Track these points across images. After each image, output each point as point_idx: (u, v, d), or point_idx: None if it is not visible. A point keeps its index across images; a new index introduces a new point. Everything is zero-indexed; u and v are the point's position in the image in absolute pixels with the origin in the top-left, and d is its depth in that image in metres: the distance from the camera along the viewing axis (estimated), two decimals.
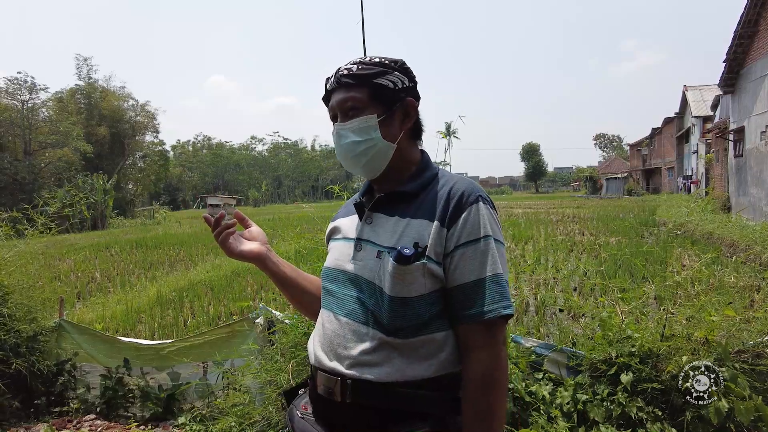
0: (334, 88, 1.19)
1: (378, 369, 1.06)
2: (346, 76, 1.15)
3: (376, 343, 1.08)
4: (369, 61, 1.17)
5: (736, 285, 4.77)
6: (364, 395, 1.07)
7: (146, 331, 5.57)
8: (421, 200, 1.14)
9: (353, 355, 1.09)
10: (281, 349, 2.79)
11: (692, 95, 31.42)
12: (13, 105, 28.60)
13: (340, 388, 1.08)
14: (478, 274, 1.06)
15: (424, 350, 1.08)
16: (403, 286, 1.06)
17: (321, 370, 1.14)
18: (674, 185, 36.18)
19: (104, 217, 27.85)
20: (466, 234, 1.07)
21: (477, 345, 1.05)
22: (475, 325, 1.05)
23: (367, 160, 1.17)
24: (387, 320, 1.07)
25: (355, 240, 1.19)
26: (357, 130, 1.15)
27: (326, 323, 1.18)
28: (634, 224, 14.08)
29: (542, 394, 2.35)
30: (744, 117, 13.65)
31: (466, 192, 1.10)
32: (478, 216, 1.08)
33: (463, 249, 1.07)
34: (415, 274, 1.06)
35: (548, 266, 8.22)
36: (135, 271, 10.16)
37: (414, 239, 1.08)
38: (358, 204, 1.24)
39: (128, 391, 3.45)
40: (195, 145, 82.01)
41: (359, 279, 1.14)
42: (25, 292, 3.63)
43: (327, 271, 1.25)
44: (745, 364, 2.21)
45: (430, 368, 1.07)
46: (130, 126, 37.35)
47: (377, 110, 1.15)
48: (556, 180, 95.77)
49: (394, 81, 1.16)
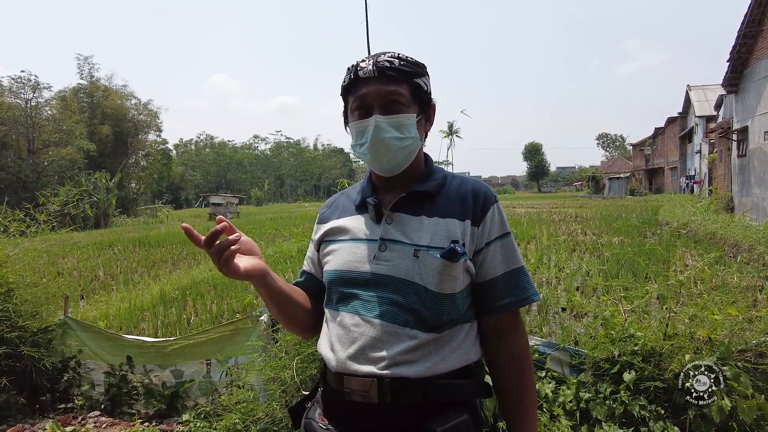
0: (369, 78, 1.13)
1: (415, 366, 1.07)
2: (389, 68, 1.12)
3: (416, 343, 1.08)
4: (407, 59, 1.16)
5: (739, 285, 4.76)
6: (403, 393, 1.06)
7: (149, 329, 5.59)
8: (442, 200, 1.17)
9: (390, 356, 1.07)
10: (285, 346, 2.81)
11: (695, 95, 31.33)
12: (17, 104, 28.73)
13: (377, 389, 1.06)
14: (506, 267, 1.16)
15: (453, 342, 1.12)
16: (449, 282, 1.10)
17: (349, 375, 1.09)
18: (677, 185, 36.07)
19: (107, 215, 27.93)
20: (495, 231, 1.16)
21: (509, 331, 1.17)
22: (509, 313, 1.16)
23: (402, 156, 1.17)
24: (433, 317, 1.09)
25: (378, 241, 1.15)
26: (399, 126, 1.14)
27: (351, 326, 1.12)
28: (636, 224, 14.05)
29: (545, 392, 2.36)
30: (747, 117, 13.61)
31: (487, 193, 1.19)
32: (500, 214, 1.19)
33: (494, 245, 1.16)
34: (459, 271, 1.11)
35: (551, 266, 8.22)
36: (138, 269, 10.19)
37: (448, 237, 1.11)
38: (376, 204, 1.18)
39: (132, 388, 3.47)
40: (197, 144, 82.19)
41: (391, 279, 1.11)
42: (30, 288, 3.66)
43: (339, 274, 1.18)
44: (747, 363, 2.22)
45: (460, 359, 1.12)
46: (132, 125, 37.46)
47: (415, 109, 1.17)
48: (559, 180, 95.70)
49: (427, 83, 1.19)
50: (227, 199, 32.93)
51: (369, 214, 1.20)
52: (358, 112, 1.16)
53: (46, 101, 30.44)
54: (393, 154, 1.15)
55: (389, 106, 1.13)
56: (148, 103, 39.48)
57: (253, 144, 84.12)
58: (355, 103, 1.16)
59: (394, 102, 1.13)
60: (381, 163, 1.17)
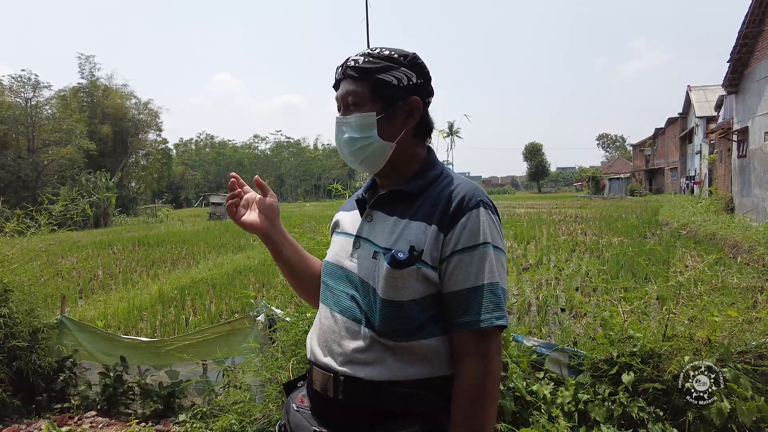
0: (341, 78, 1.17)
1: (370, 368, 1.06)
2: (351, 68, 1.13)
3: (368, 342, 1.07)
4: (377, 54, 1.13)
5: (739, 286, 4.75)
6: (356, 393, 1.06)
7: (148, 328, 5.58)
8: (423, 201, 1.11)
9: (346, 352, 1.08)
10: (282, 346, 2.79)
11: (696, 96, 31.32)
12: (17, 103, 28.72)
13: (332, 384, 1.08)
14: (473, 281, 1.03)
15: (418, 353, 1.06)
16: (395, 289, 1.04)
17: (316, 366, 1.14)
18: (677, 186, 36.07)
19: (107, 215, 27.91)
20: (464, 240, 1.04)
21: (469, 353, 1.03)
22: (468, 333, 1.03)
23: (364, 157, 1.15)
24: (378, 322, 1.06)
25: (354, 237, 1.18)
26: (355, 126, 1.14)
27: (323, 318, 1.18)
28: (636, 224, 14.05)
29: (543, 393, 2.34)
30: (748, 117, 13.59)
31: (467, 196, 1.07)
32: (477, 221, 1.05)
33: (460, 255, 1.04)
34: (409, 279, 1.04)
35: (550, 266, 8.21)
36: (137, 268, 10.18)
37: (410, 242, 1.06)
38: (360, 200, 1.23)
39: (128, 388, 3.46)
40: (198, 143, 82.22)
41: (355, 277, 1.13)
42: (27, 289, 3.64)
43: (327, 266, 1.24)
44: (747, 364, 2.20)
45: (423, 370, 1.06)
46: (133, 124, 37.45)
47: (376, 107, 1.12)
48: (559, 180, 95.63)
49: (399, 77, 1.12)
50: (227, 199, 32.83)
51: (358, 210, 1.23)
52: None
53: (46, 100, 30.43)
54: (353, 154, 1.15)
55: (349, 107, 1.15)
56: (149, 103, 39.47)
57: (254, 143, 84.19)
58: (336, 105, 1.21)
59: (351, 103, 1.14)
60: (348, 161, 1.19)
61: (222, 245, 13.33)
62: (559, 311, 5.55)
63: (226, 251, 12.13)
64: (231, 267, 9.36)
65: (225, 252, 12.02)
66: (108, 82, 37.52)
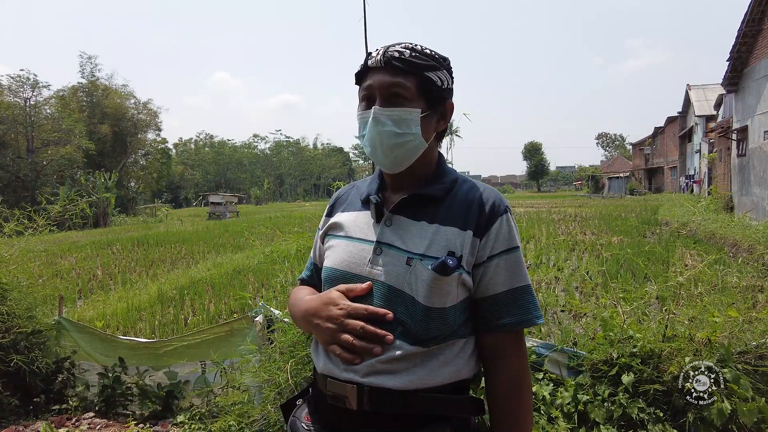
0: (377, 68, 1.10)
1: (398, 377, 1.02)
2: (397, 59, 1.07)
3: (400, 354, 1.03)
4: (421, 51, 1.10)
5: (739, 285, 4.74)
6: (383, 403, 1.02)
7: (147, 329, 5.57)
8: (448, 205, 1.10)
9: (370, 363, 1.03)
10: (280, 347, 2.78)
11: (695, 94, 31.35)
12: (16, 102, 28.71)
13: (356, 395, 1.02)
14: (510, 284, 1.08)
15: (443, 357, 1.06)
16: (440, 296, 1.04)
17: (332, 378, 1.07)
18: (677, 185, 36.10)
19: (106, 214, 27.91)
20: (500, 245, 1.08)
21: (507, 353, 1.09)
22: (506, 334, 1.09)
23: (401, 153, 1.10)
24: (420, 330, 1.03)
25: (374, 243, 1.11)
26: (398, 120, 1.07)
27: None
28: (636, 224, 14.04)
29: (543, 394, 2.33)
30: (747, 116, 13.59)
31: (496, 201, 1.11)
32: (509, 226, 1.10)
33: (497, 260, 1.07)
34: (451, 285, 1.04)
35: (550, 265, 8.20)
36: (136, 268, 10.16)
37: (446, 247, 1.05)
38: (377, 204, 1.15)
39: (127, 389, 3.45)
40: (197, 143, 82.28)
41: (383, 287, 1.07)
42: (25, 289, 3.63)
43: (335, 273, 1.14)
44: (747, 365, 2.19)
45: (449, 374, 1.06)
46: (132, 124, 37.47)
47: (421, 104, 1.09)
48: (558, 179, 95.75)
49: (443, 79, 1.11)
50: (227, 198, 32.88)
51: (371, 212, 1.16)
52: (363, 103, 1.13)
53: (45, 100, 30.47)
54: (389, 150, 1.09)
55: (391, 99, 1.08)
56: (148, 102, 39.51)
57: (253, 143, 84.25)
58: (362, 93, 1.13)
59: (396, 95, 1.07)
60: (377, 157, 1.12)
61: (221, 245, 13.33)
62: (559, 311, 5.54)
63: (225, 251, 12.12)
64: (230, 267, 9.34)
65: (224, 252, 12.01)
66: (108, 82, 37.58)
